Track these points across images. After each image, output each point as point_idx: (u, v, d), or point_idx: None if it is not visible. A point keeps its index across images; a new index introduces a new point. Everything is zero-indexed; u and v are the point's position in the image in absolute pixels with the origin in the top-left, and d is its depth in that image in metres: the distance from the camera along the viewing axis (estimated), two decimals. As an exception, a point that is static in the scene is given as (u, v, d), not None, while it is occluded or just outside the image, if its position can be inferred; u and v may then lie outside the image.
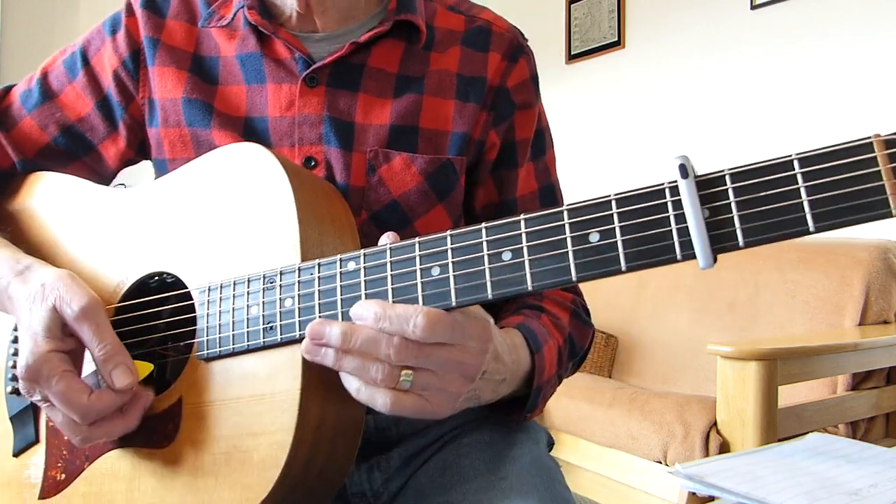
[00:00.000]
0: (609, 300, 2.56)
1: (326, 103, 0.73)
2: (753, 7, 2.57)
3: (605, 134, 3.09)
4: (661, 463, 1.75)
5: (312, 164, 0.73)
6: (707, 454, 1.62)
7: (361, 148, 0.73)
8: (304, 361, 0.56)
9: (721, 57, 2.68)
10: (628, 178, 2.87)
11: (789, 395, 1.81)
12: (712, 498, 0.62)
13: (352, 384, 0.54)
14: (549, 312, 0.75)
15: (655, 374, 2.41)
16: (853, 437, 1.83)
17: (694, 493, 0.93)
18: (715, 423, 1.64)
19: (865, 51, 2.29)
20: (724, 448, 1.59)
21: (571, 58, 3.24)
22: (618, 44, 3.06)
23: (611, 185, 0.83)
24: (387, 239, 0.56)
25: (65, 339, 0.61)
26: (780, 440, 1.39)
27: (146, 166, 0.85)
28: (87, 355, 0.63)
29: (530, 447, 0.74)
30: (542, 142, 0.83)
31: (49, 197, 0.79)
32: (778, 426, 1.54)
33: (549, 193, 0.83)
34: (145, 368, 0.62)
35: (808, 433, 0.80)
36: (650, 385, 2.31)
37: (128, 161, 0.83)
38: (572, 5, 3.25)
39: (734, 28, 2.63)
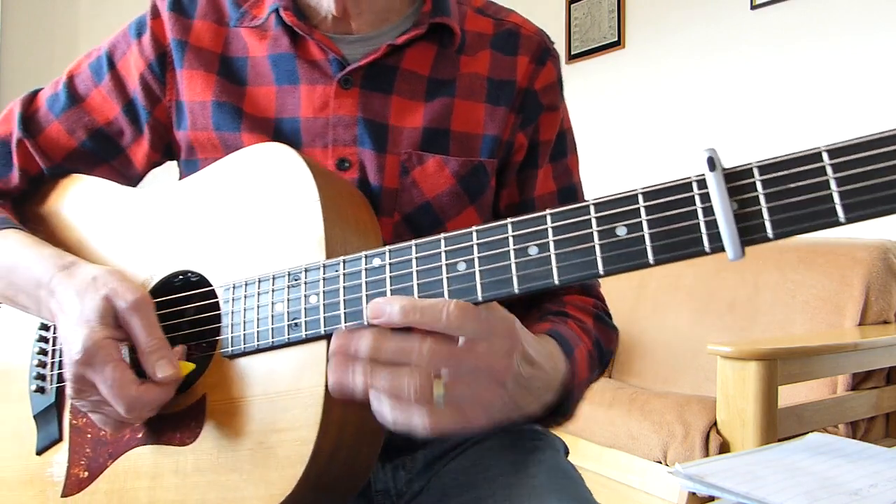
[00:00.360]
0: (609, 300, 2.54)
1: (361, 105, 0.73)
2: (753, 7, 2.57)
3: (605, 134, 3.09)
4: (661, 463, 1.75)
5: (346, 165, 0.73)
6: (707, 454, 1.62)
7: (395, 150, 0.74)
8: (329, 357, 0.56)
9: (721, 57, 2.68)
10: (628, 177, 2.88)
11: (789, 395, 1.81)
12: (712, 498, 0.62)
13: (386, 413, 0.52)
14: (574, 317, 0.75)
15: (655, 374, 2.41)
16: (853, 437, 1.83)
17: (694, 493, 0.93)
18: (715, 423, 1.64)
19: (865, 51, 2.29)
20: (724, 448, 1.59)
21: (571, 58, 3.24)
22: (618, 44, 3.06)
23: (611, 184, 0.83)
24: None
25: (117, 328, 0.62)
26: (780, 440, 1.39)
27: (164, 168, 0.85)
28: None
29: (551, 453, 0.76)
30: (563, 144, 0.83)
31: (75, 198, 0.79)
32: (778, 426, 1.54)
33: (570, 195, 0.83)
34: (186, 367, 0.63)
35: (808, 433, 0.80)
36: (650, 385, 2.31)
37: (154, 164, 0.83)
38: (572, 5, 3.25)
39: (734, 28, 2.63)
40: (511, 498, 0.66)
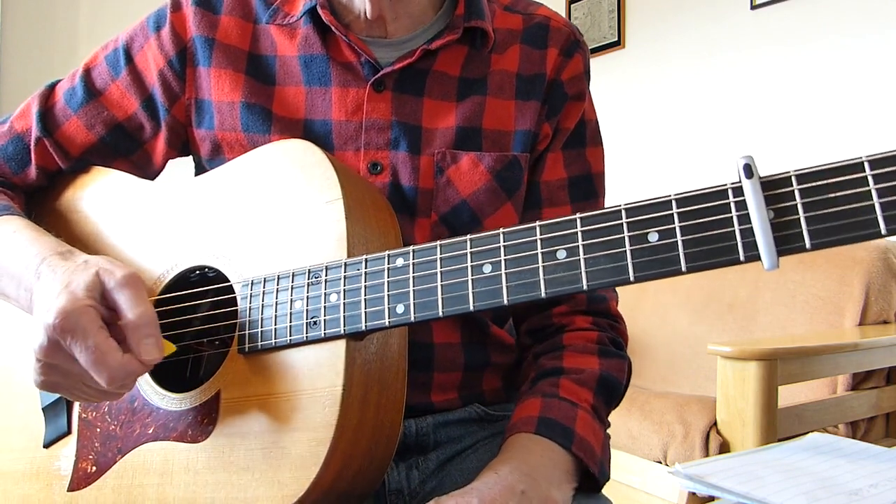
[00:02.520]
0: (609, 300, 2.54)
1: (394, 108, 0.73)
2: (753, 7, 2.57)
3: (605, 134, 3.08)
4: (661, 463, 1.75)
5: (378, 168, 0.72)
6: (707, 454, 1.62)
7: (429, 151, 0.73)
8: (347, 358, 0.55)
9: (721, 57, 2.67)
10: (628, 177, 2.87)
11: (789, 395, 1.81)
12: (712, 498, 0.62)
13: None
14: (569, 371, 0.73)
15: (655, 374, 2.41)
16: (853, 437, 1.83)
17: (694, 493, 0.93)
18: (715, 423, 1.64)
19: (866, 51, 2.29)
20: (724, 448, 1.59)
21: (571, 58, 3.24)
22: (618, 44, 3.06)
23: (611, 184, 0.84)
24: None
25: (103, 305, 0.58)
26: (780, 440, 1.39)
27: (179, 162, 0.84)
28: None
29: None
30: (582, 133, 0.82)
31: (92, 191, 0.79)
32: (778, 426, 1.54)
33: (585, 186, 0.81)
34: (168, 348, 0.61)
35: (808, 433, 0.80)
36: (650, 385, 2.31)
37: (170, 159, 0.82)
38: (572, 5, 3.25)
39: (734, 28, 2.63)
40: None
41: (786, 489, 0.59)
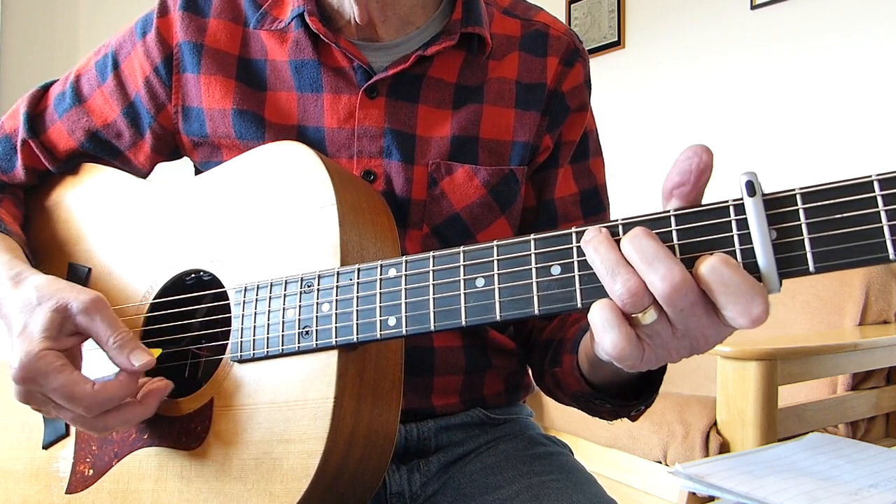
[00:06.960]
0: (609, 300, 2.54)
1: (387, 116, 0.71)
2: (753, 7, 2.57)
3: (605, 134, 3.08)
4: (661, 463, 1.75)
5: (372, 177, 0.71)
6: (707, 454, 1.62)
7: (423, 160, 0.72)
8: (339, 369, 0.55)
9: (721, 57, 2.68)
10: (628, 178, 2.87)
11: (789, 395, 1.81)
12: (712, 498, 0.62)
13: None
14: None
15: (655, 374, 2.41)
16: (853, 437, 1.83)
17: (694, 493, 0.93)
18: (715, 423, 1.64)
19: (866, 51, 2.29)
20: (724, 448, 1.59)
21: (571, 58, 3.24)
22: (618, 44, 3.06)
23: (611, 185, 0.85)
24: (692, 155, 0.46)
25: (60, 339, 0.59)
26: (780, 440, 1.39)
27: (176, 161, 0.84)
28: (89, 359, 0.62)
29: (567, 457, 0.77)
30: (586, 145, 0.81)
31: (87, 190, 0.79)
32: (778, 426, 1.54)
33: (593, 199, 0.81)
34: (154, 352, 0.61)
35: (808, 433, 0.80)
36: (650, 385, 2.31)
37: (157, 163, 0.81)
38: (572, 5, 3.25)
39: (734, 28, 2.63)
40: (539, 497, 0.66)
41: (786, 489, 0.60)
